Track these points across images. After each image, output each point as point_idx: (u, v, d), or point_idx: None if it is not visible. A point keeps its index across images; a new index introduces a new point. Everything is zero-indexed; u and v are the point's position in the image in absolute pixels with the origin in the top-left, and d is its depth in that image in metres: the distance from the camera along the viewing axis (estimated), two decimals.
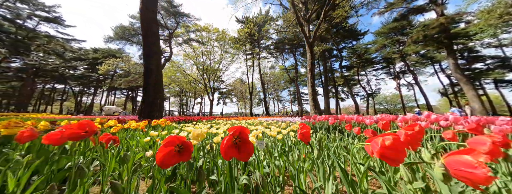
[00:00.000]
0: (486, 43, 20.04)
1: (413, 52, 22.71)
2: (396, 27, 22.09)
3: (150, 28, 5.34)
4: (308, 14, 10.59)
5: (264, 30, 12.93)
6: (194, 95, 36.21)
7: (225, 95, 48.48)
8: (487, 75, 19.48)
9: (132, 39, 18.32)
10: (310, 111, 9.93)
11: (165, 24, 19.02)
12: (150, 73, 5.17)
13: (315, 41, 10.08)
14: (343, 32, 21.57)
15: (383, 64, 29.34)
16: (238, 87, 42.97)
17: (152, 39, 5.41)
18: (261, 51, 27.59)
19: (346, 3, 10.32)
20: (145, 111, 4.76)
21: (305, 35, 9.87)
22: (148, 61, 5.26)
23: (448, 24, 11.27)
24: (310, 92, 9.64)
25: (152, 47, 5.36)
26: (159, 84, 5.36)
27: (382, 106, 44.76)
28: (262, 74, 38.74)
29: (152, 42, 5.42)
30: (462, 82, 10.56)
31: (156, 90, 5.10)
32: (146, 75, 5.17)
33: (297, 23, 9.94)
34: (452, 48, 11.25)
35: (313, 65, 9.79)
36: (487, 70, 19.86)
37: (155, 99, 4.94)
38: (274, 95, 51.67)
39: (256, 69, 28.27)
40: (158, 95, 5.11)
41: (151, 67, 5.21)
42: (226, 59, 24.61)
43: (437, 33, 11.54)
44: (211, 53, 23.48)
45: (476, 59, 20.37)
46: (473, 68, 20.65)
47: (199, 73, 23.48)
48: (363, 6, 13.37)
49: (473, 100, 10.32)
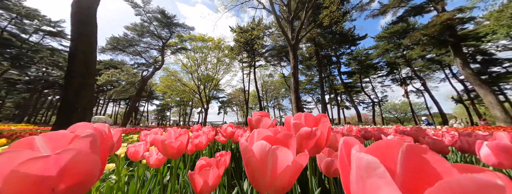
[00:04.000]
0: (501, 45, 18.33)
1: (418, 56, 21.22)
2: (398, 30, 21.05)
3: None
4: (292, 15, 9.97)
5: (249, 35, 12.43)
6: (191, 105, 35.84)
7: (226, 104, 47.92)
8: (507, 79, 17.34)
9: (127, 50, 18.66)
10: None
11: (159, 35, 19.35)
12: (74, 60, 3.57)
13: (298, 44, 9.27)
14: (339, 37, 20.81)
15: (387, 70, 27.73)
16: (237, 96, 42.39)
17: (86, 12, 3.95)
18: (257, 59, 27.26)
19: (333, 5, 9.64)
20: (59, 118, 3.26)
21: (286, 37, 9.11)
22: (77, 42, 3.64)
23: (451, 21, 10.12)
24: (293, 98, 8.56)
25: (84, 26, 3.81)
26: (87, 82, 3.68)
27: (392, 115, 41.65)
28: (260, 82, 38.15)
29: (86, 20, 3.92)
30: (476, 84, 9.03)
31: (82, 87, 3.49)
32: (69, 63, 3.62)
33: (279, 25, 9.28)
34: (459, 47, 9.94)
35: (297, 69, 8.84)
36: (506, 74, 17.75)
37: (76, 101, 3.41)
38: (275, 103, 50.36)
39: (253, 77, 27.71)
40: (84, 97, 3.47)
41: (77, 53, 3.58)
42: (222, 68, 24.38)
43: (440, 31, 10.36)
44: (205, 62, 23.41)
45: (492, 62, 18.48)
46: (490, 71, 18.63)
47: (194, 81, 23.22)
48: (353, 9, 12.66)
49: (493, 106, 8.65)
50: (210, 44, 21.10)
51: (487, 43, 15.76)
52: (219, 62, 23.51)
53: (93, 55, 4.29)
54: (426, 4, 11.99)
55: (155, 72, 19.57)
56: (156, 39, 19.57)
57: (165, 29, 19.64)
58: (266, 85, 40.58)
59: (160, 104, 47.90)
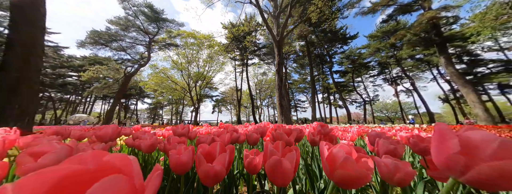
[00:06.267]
0: (487, 47, 18.80)
1: (408, 56, 21.48)
2: (389, 30, 21.19)
3: None
4: (278, 10, 9.64)
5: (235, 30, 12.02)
6: (183, 103, 35.03)
7: (220, 103, 47.24)
8: (490, 79, 17.80)
9: (110, 45, 17.77)
10: (277, 119, 8.44)
11: (145, 29, 18.57)
12: (10, 51, 2.94)
13: (283, 40, 8.97)
14: (331, 36, 20.70)
15: (378, 70, 28.02)
16: (231, 95, 41.82)
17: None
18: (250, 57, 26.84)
19: (320, 1, 9.37)
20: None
21: (271, 33, 8.79)
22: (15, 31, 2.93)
23: (436, 19, 10.10)
24: (277, 96, 8.27)
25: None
26: (27, 78, 3.09)
27: (383, 114, 42.41)
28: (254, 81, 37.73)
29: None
30: (460, 83, 9.05)
31: (18, 85, 2.92)
32: (5, 54, 2.96)
33: (263, 19, 8.93)
34: (444, 47, 9.97)
35: (281, 66, 8.55)
36: (490, 74, 18.25)
37: (8, 101, 2.79)
38: (270, 102, 50.13)
39: (246, 75, 27.29)
40: (20, 95, 2.86)
41: (14, 42, 2.96)
42: (213, 65, 23.81)
43: (426, 30, 10.35)
44: (197, 59, 22.78)
45: (477, 63, 18.95)
46: (476, 72, 19.11)
47: (183, 78, 22.58)
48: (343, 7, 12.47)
49: (475, 105, 8.69)
50: (204, 41, 20.50)
51: (472, 44, 16.09)
52: (211, 59, 22.94)
53: (37, 47, 3.76)
54: (414, 3, 12.02)
55: (140, 69, 18.83)
56: (142, 34, 18.77)
57: (153, 24, 18.87)
58: (260, 83, 40.16)
59: (152, 102, 46.64)
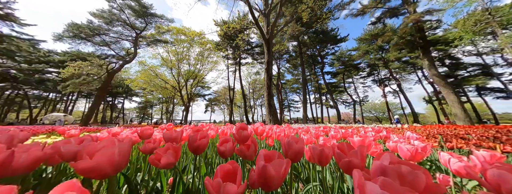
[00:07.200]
0: (467, 51, 19.93)
1: (394, 58, 22.25)
2: (378, 33, 21.79)
3: None
4: (268, 8, 9.46)
5: (226, 27, 11.70)
6: (173, 102, 34.00)
7: (213, 102, 46.37)
8: (468, 82, 18.90)
9: (92, 39, 16.67)
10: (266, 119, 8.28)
11: (132, 24, 17.67)
12: None
13: (272, 39, 8.81)
14: (322, 37, 20.92)
15: (368, 71, 28.85)
16: (224, 94, 41.20)
17: None
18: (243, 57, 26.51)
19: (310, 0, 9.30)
20: None
21: (260, 31, 8.59)
22: None
23: (420, 22, 10.45)
24: (266, 95, 8.10)
25: None
26: None
27: (372, 114, 43.87)
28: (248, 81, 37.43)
29: None
30: (441, 85, 9.40)
31: None
32: None
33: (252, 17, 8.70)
34: (427, 50, 10.33)
35: (270, 64, 8.38)
36: (469, 77, 19.39)
37: None
38: (264, 101, 50.03)
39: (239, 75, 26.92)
40: None
41: None
42: (205, 63, 23.21)
43: (410, 32, 10.67)
44: (187, 57, 22.10)
45: (458, 66, 20.04)
46: (456, 75, 20.20)
47: (174, 77, 21.82)
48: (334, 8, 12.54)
49: (454, 105, 9.06)
50: (195, 38, 19.88)
51: (455, 47, 16.97)
52: (202, 57, 22.33)
53: None
54: (400, 6, 12.41)
55: (126, 66, 17.91)
56: (129, 29, 17.83)
57: (140, 18, 17.97)
58: (253, 83, 39.86)
59: (142, 101, 44.79)
